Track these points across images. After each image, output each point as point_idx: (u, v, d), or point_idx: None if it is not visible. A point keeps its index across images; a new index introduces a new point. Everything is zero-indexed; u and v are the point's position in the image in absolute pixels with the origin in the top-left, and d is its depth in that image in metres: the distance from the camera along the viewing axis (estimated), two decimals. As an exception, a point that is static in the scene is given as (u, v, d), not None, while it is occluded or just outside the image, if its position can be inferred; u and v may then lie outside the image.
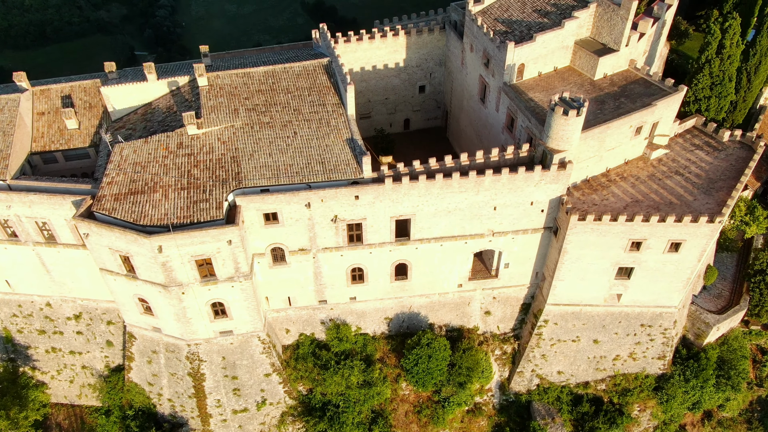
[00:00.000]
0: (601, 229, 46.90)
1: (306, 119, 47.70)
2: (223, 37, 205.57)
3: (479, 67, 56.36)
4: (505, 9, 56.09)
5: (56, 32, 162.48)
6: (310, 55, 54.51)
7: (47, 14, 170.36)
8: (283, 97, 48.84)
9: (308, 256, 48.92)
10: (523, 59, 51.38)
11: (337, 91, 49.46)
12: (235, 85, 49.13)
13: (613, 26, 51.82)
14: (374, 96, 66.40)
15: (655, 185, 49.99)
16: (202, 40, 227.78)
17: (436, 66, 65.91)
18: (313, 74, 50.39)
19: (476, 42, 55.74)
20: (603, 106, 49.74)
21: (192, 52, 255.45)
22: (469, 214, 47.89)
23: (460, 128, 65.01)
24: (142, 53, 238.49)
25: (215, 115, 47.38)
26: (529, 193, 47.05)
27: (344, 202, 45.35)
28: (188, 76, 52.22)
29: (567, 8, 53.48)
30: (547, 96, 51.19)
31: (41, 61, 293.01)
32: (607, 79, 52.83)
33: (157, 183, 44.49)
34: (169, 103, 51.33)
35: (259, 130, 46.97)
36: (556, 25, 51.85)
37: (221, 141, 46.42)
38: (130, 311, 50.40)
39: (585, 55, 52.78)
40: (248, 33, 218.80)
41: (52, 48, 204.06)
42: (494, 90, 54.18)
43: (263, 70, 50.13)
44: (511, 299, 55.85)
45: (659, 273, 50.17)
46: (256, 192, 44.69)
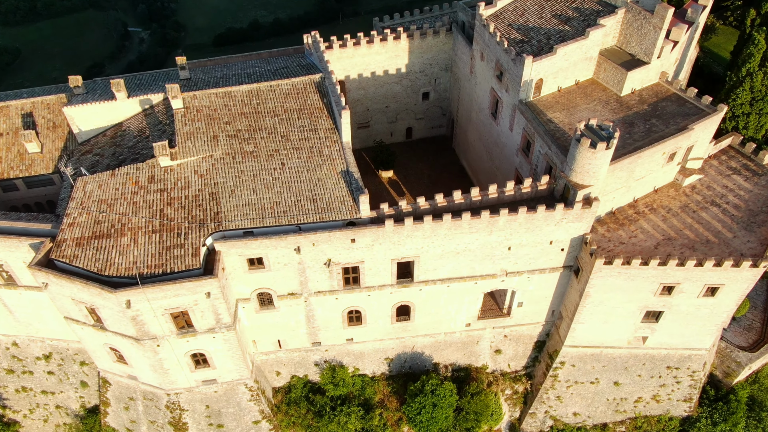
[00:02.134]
0: (630, 273, 41.51)
1: (295, 147, 41.91)
2: (219, 13, 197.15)
3: (491, 79, 50.27)
4: (521, 13, 49.73)
5: (47, 8, 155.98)
6: (301, 68, 48.37)
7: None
8: (269, 120, 42.93)
9: (299, 300, 43.66)
10: (542, 74, 45.35)
11: (330, 113, 43.55)
12: (214, 107, 43.17)
13: (644, 36, 45.62)
14: (373, 104, 60.36)
15: (689, 219, 44.41)
16: (197, 16, 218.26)
17: (442, 71, 59.72)
18: (303, 93, 44.37)
19: (488, 51, 49.54)
20: (632, 129, 43.87)
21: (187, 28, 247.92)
22: (480, 255, 42.47)
23: (468, 141, 59.10)
24: (135, 29, 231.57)
25: (191, 143, 41.57)
26: (549, 233, 41.53)
27: (339, 246, 39.89)
28: (162, 94, 46.22)
29: (591, 14, 47.19)
30: (568, 116, 45.30)
31: (33, 37, 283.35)
32: (635, 95, 46.83)
33: (125, 225, 38.94)
34: (141, 124, 45.45)
35: (241, 160, 41.23)
36: (580, 35, 45.65)
37: (198, 174, 40.71)
38: (101, 359, 45.38)
39: (611, 68, 46.67)
40: (244, 8, 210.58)
41: (44, 24, 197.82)
42: (508, 107, 48.21)
43: (246, 89, 44.08)
44: (524, 337, 50.77)
45: (691, 316, 44.97)
46: (238, 234, 39.20)
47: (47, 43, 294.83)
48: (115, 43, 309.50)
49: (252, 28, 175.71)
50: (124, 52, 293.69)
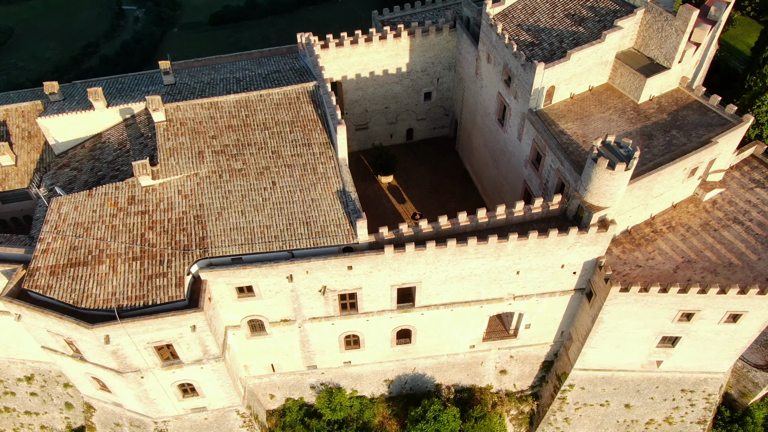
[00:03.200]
0: (647, 300, 38.68)
1: (287, 164, 38.72)
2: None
3: (498, 84, 46.84)
4: (531, 12, 46.08)
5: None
6: (294, 73, 44.89)
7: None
8: (260, 134, 39.65)
9: (293, 326, 40.91)
10: (554, 81, 41.95)
11: (325, 126, 40.26)
12: (199, 120, 39.85)
13: (665, 39, 42.09)
14: (372, 105, 56.94)
15: (710, 238, 41.43)
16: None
17: (445, 70, 56.17)
18: (296, 103, 41.00)
19: (495, 53, 46.03)
20: (651, 142, 40.64)
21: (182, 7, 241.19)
22: (486, 280, 39.60)
23: (472, 145, 55.81)
24: (130, 7, 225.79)
25: (175, 160, 38.37)
26: (561, 257, 38.60)
27: (335, 273, 36.98)
28: (144, 103, 42.86)
29: (607, 14, 43.58)
30: (581, 127, 42.02)
31: (25, 15, 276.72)
32: (654, 103, 43.48)
33: (103, 251, 35.97)
34: (121, 136, 42.17)
35: (229, 179, 38.08)
36: (595, 37, 42.13)
37: (182, 195, 37.60)
38: (83, 386, 42.80)
39: (628, 73, 43.23)
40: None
41: (37, 2, 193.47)
42: (516, 114, 44.89)
43: (234, 99, 40.69)
44: (530, 357, 48.18)
45: (710, 342, 42.29)
46: (225, 262, 36.28)
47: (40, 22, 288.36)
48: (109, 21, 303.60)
49: (249, 6, 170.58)
50: (119, 31, 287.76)
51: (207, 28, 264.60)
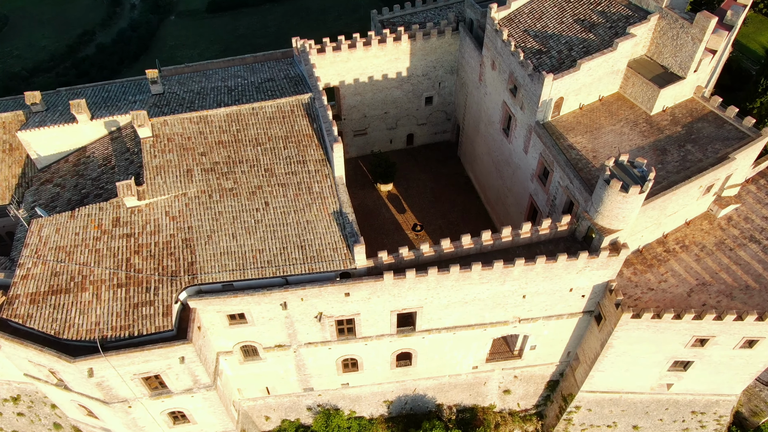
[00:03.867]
0: (659, 326, 36.82)
1: (281, 183, 36.62)
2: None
3: (503, 92, 44.61)
4: (538, 17, 43.70)
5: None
6: (289, 81, 42.65)
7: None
8: (251, 151, 37.50)
9: (288, 351, 39.06)
10: (563, 92, 39.76)
11: (321, 141, 38.10)
12: (188, 135, 37.65)
13: (680, 47, 39.80)
14: (371, 111, 54.69)
15: (726, 259, 39.46)
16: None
17: (447, 74, 53.86)
18: (290, 117, 38.79)
19: (500, 60, 43.75)
20: (665, 158, 38.53)
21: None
22: (491, 304, 37.70)
23: (476, 153, 53.64)
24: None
25: (162, 179, 36.26)
26: (569, 281, 36.65)
27: (331, 299, 35.05)
28: (131, 115, 40.64)
29: (618, 19, 41.23)
30: (591, 141, 39.89)
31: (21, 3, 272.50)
32: (667, 114, 41.30)
33: (86, 277, 34.01)
34: (106, 150, 40.04)
35: (219, 199, 36.01)
36: (606, 45, 39.86)
37: (170, 216, 35.55)
38: (70, 411, 41.04)
39: (640, 83, 40.99)
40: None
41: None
42: (522, 126, 42.72)
43: (225, 112, 38.46)
44: (535, 377, 46.44)
45: (724, 366, 40.51)
46: (216, 288, 34.35)
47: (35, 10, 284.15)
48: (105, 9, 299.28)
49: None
50: (115, 19, 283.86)
51: (204, 15, 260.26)
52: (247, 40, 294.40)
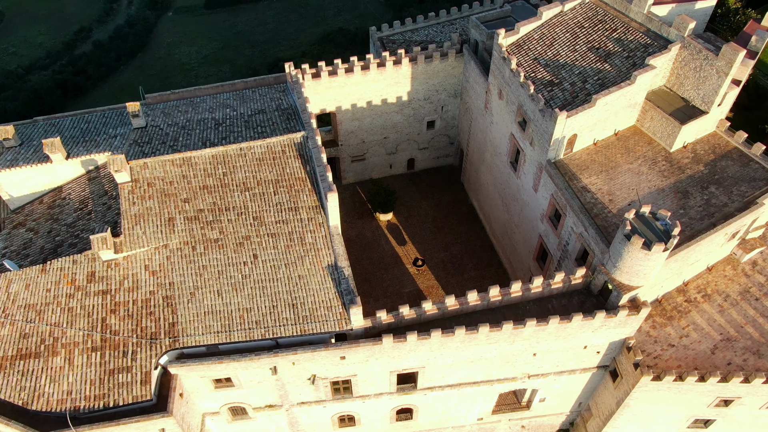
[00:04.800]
0: (681, 388, 34.01)
1: (271, 233, 33.68)
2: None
3: (511, 124, 41.61)
4: (549, 43, 40.59)
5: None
6: (281, 114, 39.61)
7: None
8: (239, 197, 34.52)
9: (279, 410, 36.26)
10: (576, 129, 36.77)
11: (314, 185, 35.09)
12: (170, 180, 34.64)
13: (704, 80, 36.74)
14: (369, 136, 51.67)
15: (751, 310, 36.54)
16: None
17: (450, 98, 50.81)
18: (281, 158, 35.76)
19: (508, 90, 40.73)
20: (687, 202, 35.58)
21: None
22: (499, 362, 34.85)
23: (480, 182, 50.64)
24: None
25: (141, 229, 33.31)
26: (584, 339, 33.80)
27: (325, 363, 32.22)
28: (110, 153, 37.71)
29: (636, 48, 38.15)
30: (607, 181, 36.91)
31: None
32: (688, 151, 38.31)
33: (58, 340, 31.16)
34: (83, 191, 37.07)
35: (203, 252, 33.07)
36: (623, 77, 36.85)
37: (150, 271, 32.63)
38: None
39: (660, 117, 37.97)
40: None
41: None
42: (532, 163, 39.74)
43: (210, 153, 35.42)
44: (544, 427, 43.69)
45: (748, 425, 37.75)
46: (199, 351, 31.52)
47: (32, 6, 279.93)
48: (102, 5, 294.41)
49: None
50: (112, 15, 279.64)
51: (202, 11, 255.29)
52: (245, 37, 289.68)
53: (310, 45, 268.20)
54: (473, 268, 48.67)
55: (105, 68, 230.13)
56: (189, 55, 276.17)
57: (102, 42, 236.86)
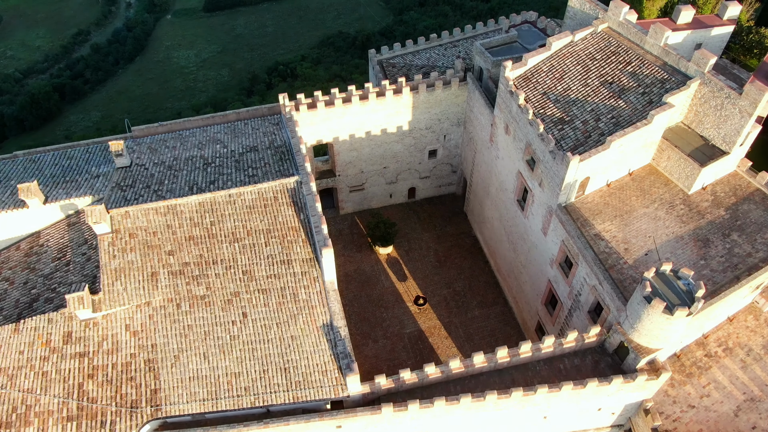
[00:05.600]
0: (703, 454, 31.73)
1: (261, 289, 31.31)
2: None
3: (518, 161, 39.24)
4: (559, 76, 38.19)
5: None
6: (274, 152, 37.23)
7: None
8: (228, 249, 32.16)
9: (271, 474, 33.93)
10: (589, 172, 34.39)
11: (309, 236, 32.72)
12: (153, 230, 32.27)
13: (725, 119, 34.37)
14: (368, 166, 49.30)
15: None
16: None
17: (453, 126, 48.45)
18: (272, 205, 33.38)
19: (515, 126, 38.35)
20: (707, 251, 33.21)
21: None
22: (506, 426, 32.49)
23: (484, 215, 48.25)
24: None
25: (121, 285, 30.95)
26: (598, 402, 31.47)
27: (320, 431, 29.90)
28: (90, 197, 35.37)
29: (653, 83, 35.75)
30: (622, 228, 34.52)
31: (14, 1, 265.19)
32: (707, 193, 35.94)
33: (31, 408, 28.81)
34: (62, 238, 34.71)
35: (189, 310, 30.72)
36: (638, 115, 34.49)
37: (131, 331, 30.29)
38: None
39: (677, 157, 35.59)
40: None
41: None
42: (541, 204, 37.35)
43: (197, 201, 33.04)
44: (553, 479, 41.32)
45: (772, 487, 35.42)
46: (184, 420, 29.17)
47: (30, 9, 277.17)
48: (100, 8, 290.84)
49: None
50: (110, 18, 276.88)
51: (201, 14, 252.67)
52: (244, 40, 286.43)
53: (309, 48, 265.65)
54: (477, 306, 46.31)
55: (103, 72, 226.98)
56: (188, 59, 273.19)
57: (100, 45, 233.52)
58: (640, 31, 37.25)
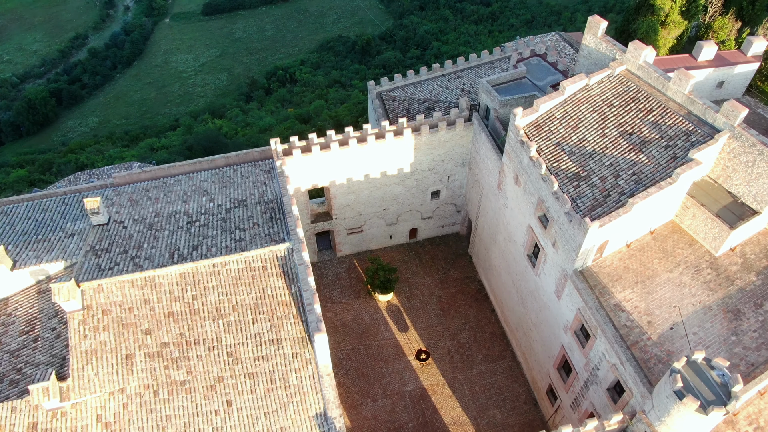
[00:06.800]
0: None
1: (248, 373, 28.33)
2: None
3: (529, 216, 36.23)
4: (574, 125, 35.15)
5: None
6: (264, 208, 34.21)
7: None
8: (211, 326, 29.17)
9: None
10: (608, 235, 31.39)
11: (300, 311, 29.72)
12: (129, 306, 29.29)
13: (757, 176, 31.36)
14: (367, 208, 46.31)
15: (814, 448, 31.30)
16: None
17: (458, 167, 45.49)
18: (261, 276, 30.36)
19: (526, 179, 35.35)
20: (739, 325, 30.22)
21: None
22: None
23: (491, 262, 45.25)
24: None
25: (93, 370, 27.97)
26: (620, 497, 28.55)
27: None
28: (63, 262, 32.40)
29: (677, 135, 32.72)
30: (644, 297, 31.51)
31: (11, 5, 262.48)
32: (736, 255, 32.92)
33: None
34: (31, 309, 31.72)
35: (167, 398, 27.74)
36: (662, 172, 31.52)
37: (102, 422, 27.31)
38: None
39: (704, 217, 32.58)
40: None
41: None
42: (555, 266, 34.35)
43: (178, 271, 30.01)
44: None
45: None
46: None
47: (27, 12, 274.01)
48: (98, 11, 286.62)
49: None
50: (108, 22, 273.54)
51: (200, 18, 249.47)
52: (243, 44, 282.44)
53: (308, 53, 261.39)
54: (483, 360, 43.36)
55: (100, 77, 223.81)
56: (186, 63, 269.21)
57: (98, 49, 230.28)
58: (662, 76, 34.23)
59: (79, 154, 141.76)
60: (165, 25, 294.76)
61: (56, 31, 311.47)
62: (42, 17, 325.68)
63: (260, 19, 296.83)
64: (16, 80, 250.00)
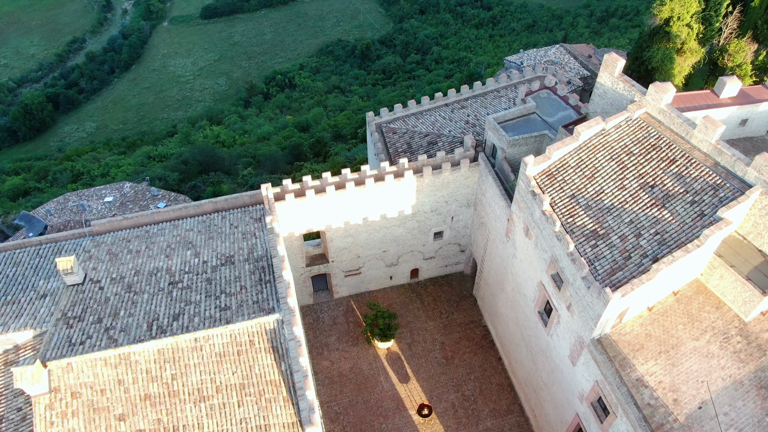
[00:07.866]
0: None
1: (233, 464, 25.61)
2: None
3: (540, 272, 33.43)
4: (590, 175, 32.32)
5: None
6: (254, 267, 31.41)
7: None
8: (192, 410, 26.36)
9: None
10: (629, 303, 28.61)
11: (291, 393, 26.92)
12: (101, 387, 26.47)
13: (792, 237, 28.57)
14: (366, 251, 43.54)
15: None
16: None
17: (462, 208, 42.67)
18: (248, 352, 27.53)
19: (538, 233, 32.55)
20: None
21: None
22: None
23: (497, 309, 42.47)
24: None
25: (60, 463, 25.24)
26: None
27: None
28: (32, 330, 29.62)
29: (703, 189, 29.90)
30: (668, 368, 28.74)
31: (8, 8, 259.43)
32: (765, 319, 30.17)
33: None
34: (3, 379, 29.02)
35: (142, 495, 25.03)
36: (687, 230, 28.72)
37: None
38: None
39: (733, 279, 29.81)
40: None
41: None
42: (570, 331, 31.56)
43: (156, 347, 27.22)
44: None
45: None
46: None
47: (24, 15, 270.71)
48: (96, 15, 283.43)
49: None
50: (106, 25, 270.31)
51: (198, 21, 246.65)
52: (242, 48, 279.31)
53: (308, 57, 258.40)
54: (490, 415, 40.62)
55: (98, 81, 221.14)
56: (184, 67, 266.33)
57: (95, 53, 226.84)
58: (686, 122, 31.40)
59: (75, 162, 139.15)
60: (163, 28, 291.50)
61: (54, 35, 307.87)
62: (39, 21, 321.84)
63: (259, 23, 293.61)
64: (13, 85, 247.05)
